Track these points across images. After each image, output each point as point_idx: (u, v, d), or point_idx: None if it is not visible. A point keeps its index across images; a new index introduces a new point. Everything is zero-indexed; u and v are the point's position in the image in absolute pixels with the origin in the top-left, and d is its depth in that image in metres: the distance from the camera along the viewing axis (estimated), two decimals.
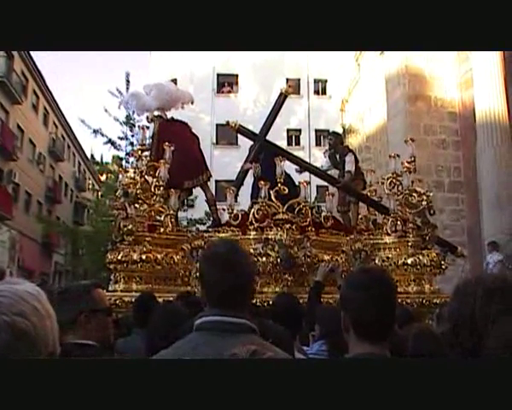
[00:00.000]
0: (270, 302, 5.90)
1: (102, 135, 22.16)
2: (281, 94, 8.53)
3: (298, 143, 34.09)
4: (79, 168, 46.12)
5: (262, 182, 6.82)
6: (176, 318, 3.26)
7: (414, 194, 7.15)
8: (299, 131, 34.27)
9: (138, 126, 7.67)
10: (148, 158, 7.46)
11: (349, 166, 8.87)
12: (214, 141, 32.16)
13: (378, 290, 2.04)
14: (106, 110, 21.53)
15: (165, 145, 7.10)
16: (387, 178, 7.42)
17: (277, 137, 31.27)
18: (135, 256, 6.41)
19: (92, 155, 34.30)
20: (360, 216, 8.76)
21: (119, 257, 6.47)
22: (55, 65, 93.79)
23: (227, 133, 28.16)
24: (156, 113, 8.27)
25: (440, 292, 7.15)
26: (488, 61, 14.51)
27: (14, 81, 29.16)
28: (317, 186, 25.14)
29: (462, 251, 8.94)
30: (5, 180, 28.79)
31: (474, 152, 15.74)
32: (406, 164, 7.37)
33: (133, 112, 13.20)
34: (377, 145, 21.65)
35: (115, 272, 6.65)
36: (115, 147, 22.28)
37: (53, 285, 24.86)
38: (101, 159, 30.35)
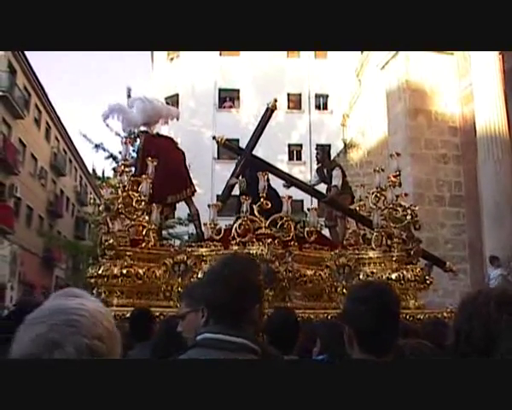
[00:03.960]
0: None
1: (104, 150, 22.21)
2: (267, 109, 8.53)
3: (299, 158, 34.11)
4: (81, 183, 46.29)
5: (244, 197, 6.81)
6: (178, 334, 3.22)
7: (398, 208, 7.12)
8: (301, 146, 34.27)
9: (121, 141, 7.68)
10: (132, 173, 7.46)
11: (336, 180, 8.85)
12: (216, 156, 32.19)
13: (379, 303, 2.04)
14: (107, 125, 21.47)
15: (147, 160, 7.10)
16: (372, 193, 7.39)
17: (279, 151, 31.55)
18: (115, 271, 6.39)
19: (94, 170, 34.39)
20: (349, 231, 8.70)
21: (100, 271, 6.46)
22: (56, 80, 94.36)
23: None
24: (142, 128, 8.29)
25: (425, 307, 7.10)
26: (488, 76, 14.49)
27: (16, 96, 29.32)
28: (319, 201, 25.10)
29: (450, 266, 8.86)
30: (7, 194, 28.87)
31: (475, 166, 15.68)
32: (392, 178, 7.35)
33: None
34: (378, 160, 21.58)
35: (96, 286, 6.64)
36: (117, 162, 22.32)
37: None
38: (103, 173, 30.36)
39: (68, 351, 1.17)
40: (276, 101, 8.48)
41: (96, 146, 22.31)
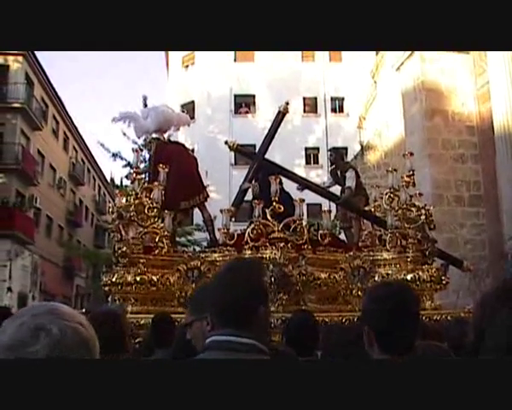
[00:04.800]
0: None
1: (122, 158, 22.30)
2: (279, 112, 8.52)
3: (316, 162, 34.06)
4: (99, 192, 46.66)
5: (256, 201, 6.79)
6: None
7: (412, 208, 7.05)
8: (318, 149, 34.21)
9: (132, 149, 7.73)
10: (145, 180, 7.49)
11: (349, 182, 8.79)
12: (233, 162, 32.21)
13: (396, 302, 2.03)
14: (124, 134, 21.56)
15: (159, 167, 7.12)
16: (386, 193, 7.33)
17: (296, 156, 31.54)
18: (129, 278, 6.41)
19: (112, 179, 34.65)
20: (365, 232, 8.64)
21: (114, 279, 6.48)
22: (73, 91, 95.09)
23: None
24: (154, 135, 8.31)
25: (442, 308, 7.02)
26: (505, 73, 14.30)
27: (34, 107, 29.65)
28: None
29: (468, 265, 8.75)
30: (27, 205, 29.13)
31: (494, 165, 15.49)
32: (405, 178, 7.29)
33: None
34: (395, 161, 21.39)
35: (111, 294, 6.66)
36: None
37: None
38: (121, 182, 30.55)
39: (54, 332, 1.19)
40: (287, 104, 8.45)
41: (114, 155, 22.42)
